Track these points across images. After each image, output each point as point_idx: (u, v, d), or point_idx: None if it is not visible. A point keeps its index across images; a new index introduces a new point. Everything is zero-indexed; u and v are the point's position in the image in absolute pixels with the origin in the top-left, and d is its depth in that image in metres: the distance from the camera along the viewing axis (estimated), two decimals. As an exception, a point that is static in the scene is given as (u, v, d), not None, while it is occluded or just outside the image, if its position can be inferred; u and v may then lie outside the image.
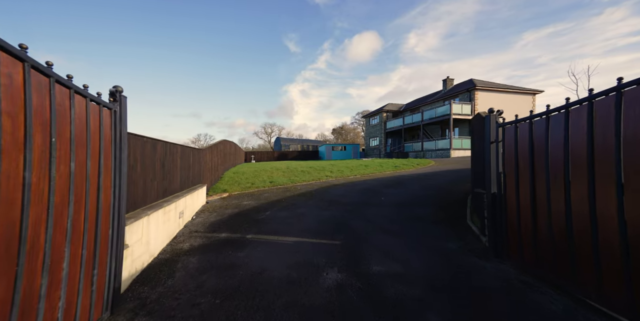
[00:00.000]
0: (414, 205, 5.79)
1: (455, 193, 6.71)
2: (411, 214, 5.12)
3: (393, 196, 6.71)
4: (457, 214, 4.99)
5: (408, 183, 8.56)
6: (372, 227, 4.45)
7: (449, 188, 7.39)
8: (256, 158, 33.82)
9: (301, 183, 9.43)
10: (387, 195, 6.89)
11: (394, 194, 6.93)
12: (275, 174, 11.29)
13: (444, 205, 5.65)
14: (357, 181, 9.55)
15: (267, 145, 78.54)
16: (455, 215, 4.95)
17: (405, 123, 27.60)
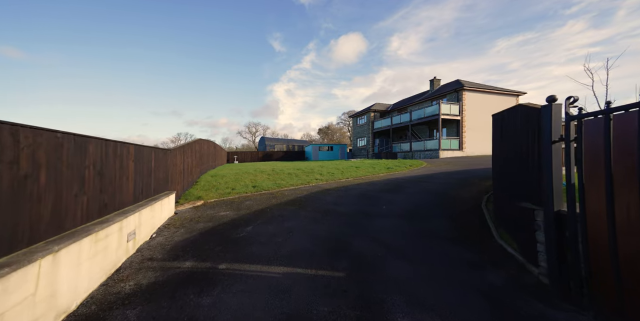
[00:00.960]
0: (421, 215, 4.97)
1: (464, 200, 5.99)
2: (422, 228, 4.28)
3: (395, 204, 5.87)
4: (477, 228, 4.21)
5: (406, 187, 7.78)
6: (380, 247, 3.55)
7: (453, 193, 6.67)
8: (239, 159, 32.22)
9: (288, 188, 8.40)
10: (387, 202, 6.04)
11: (395, 201, 6.10)
12: (259, 177, 10.17)
13: (456, 216, 4.87)
14: (351, 185, 8.67)
15: (252, 145, 76.36)
16: (475, 229, 4.16)
17: (394, 123, 27.24)
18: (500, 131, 3.99)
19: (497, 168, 4.30)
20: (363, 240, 3.86)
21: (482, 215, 4.81)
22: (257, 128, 76.33)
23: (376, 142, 31.53)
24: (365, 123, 33.13)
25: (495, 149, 4.34)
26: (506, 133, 3.74)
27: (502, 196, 3.92)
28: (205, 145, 11.52)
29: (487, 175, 9.10)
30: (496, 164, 4.38)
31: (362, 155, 33.48)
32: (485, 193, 6.56)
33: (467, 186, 7.49)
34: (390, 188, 7.72)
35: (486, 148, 22.73)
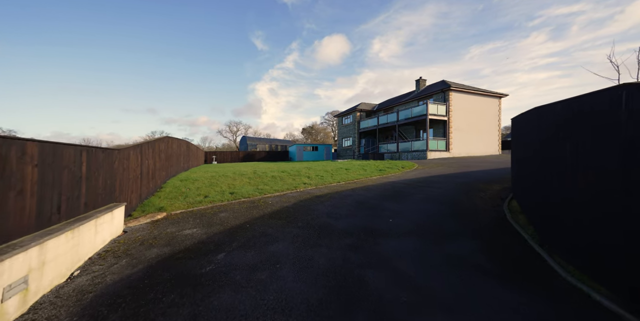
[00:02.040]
0: (440, 233, 4.01)
1: (482, 210, 5.14)
2: (450, 254, 3.30)
3: (402, 216, 4.89)
4: (522, 255, 3.30)
5: (408, 194, 6.87)
6: (407, 288, 2.51)
7: (465, 201, 5.84)
8: (219, 159, 30.21)
9: (273, 195, 7.20)
10: (393, 214, 5.05)
11: (402, 213, 5.12)
12: (238, 181, 8.84)
13: (483, 233, 3.97)
14: (344, 190, 7.62)
15: (233, 145, 73.48)
16: (520, 256, 3.25)
17: (380, 123, 26.72)
18: (571, 130, 3.08)
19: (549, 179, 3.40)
20: (379, 275, 2.80)
21: (516, 232, 3.94)
22: (238, 127, 73.59)
23: (362, 142, 30.91)
24: (351, 123, 32.42)
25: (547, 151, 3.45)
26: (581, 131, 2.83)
27: (565, 213, 3.02)
28: (174, 143, 9.95)
29: (491, 178, 8.44)
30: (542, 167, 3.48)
31: (347, 155, 32.74)
32: (500, 200, 5.78)
33: (476, 191, 6.71)
34: (390, 195, 6.77)
35: (472, 149, 22.79)
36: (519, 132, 4.90)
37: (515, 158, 5.31)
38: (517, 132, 5.08)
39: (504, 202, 5.53)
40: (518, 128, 4.97)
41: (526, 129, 4.27)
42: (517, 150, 5.13)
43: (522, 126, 4.57)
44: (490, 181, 8.14)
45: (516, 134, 5.14)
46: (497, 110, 24.46)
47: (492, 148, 24.01)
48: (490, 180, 8.35)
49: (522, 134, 4.63)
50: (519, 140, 4.88)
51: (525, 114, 4.35)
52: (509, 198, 5.78)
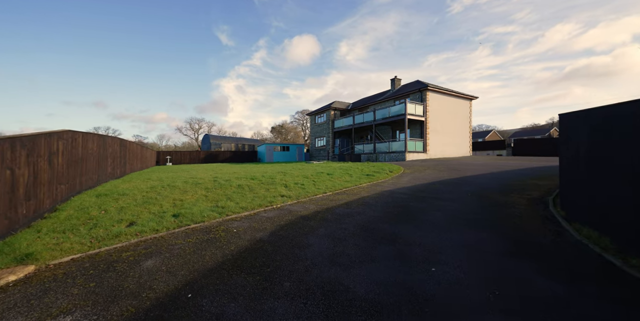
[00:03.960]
0: (540, 304, 2.38)
1: (551, 244, 3.67)
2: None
3: (443, 258, 3.19)
4: None
5: (419, 210, 5.29)
6: None
7: (504, 222, 4.38)
8: (175, 160, 26.20)
9: (240, 216, 5.07)
10: (426, 253, 3.34)
11: (436, 249, 3.44)
12: (190, 194, 6.48)
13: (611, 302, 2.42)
14: (337, 207, 5.79)
15: (194, 144, 67.31)
16: None
17: (356, 122, 25.53)
18: None
19: None
20: None
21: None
22: (200, 124, 67.67)
23: (337, 143, 29.50)
24: (325, 122, 30.82)
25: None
26: None
27: None
28: (90, 142, 7.02)
29: (500, 186, 7.23)
30: None
31: (321, 156, 31.09)
32: (550, 221, 4.43)
33: (503, 207, 5.35)
34: (400, 214, 5.10)
35: (446, 150, 22.68)
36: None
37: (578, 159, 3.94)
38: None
39: (561, 225, 4.18)
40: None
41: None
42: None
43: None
44: (502, 189, 6.98)
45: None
46: (468, 112, 24.85)
47: (464, 150, 24.30)
48: (501, 188, 7.21)
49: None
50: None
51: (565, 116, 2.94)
52: (559, 217, 4.48)
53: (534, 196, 6.08)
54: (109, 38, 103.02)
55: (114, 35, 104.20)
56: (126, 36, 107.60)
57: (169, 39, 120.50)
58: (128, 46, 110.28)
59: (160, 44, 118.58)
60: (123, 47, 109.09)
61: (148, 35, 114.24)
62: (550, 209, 4.81)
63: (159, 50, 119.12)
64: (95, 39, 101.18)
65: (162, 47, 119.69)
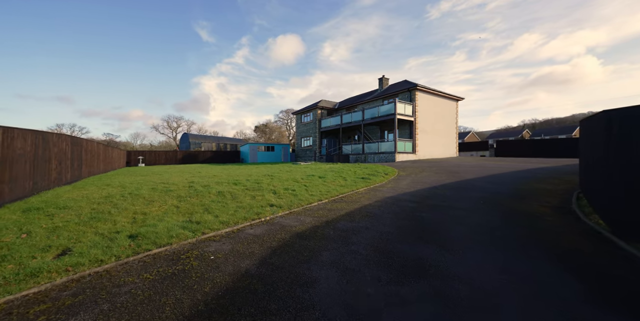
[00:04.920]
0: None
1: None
2: None
3: (510, 313, 2.40)
4: None
5: (437, 223, 4.53)
6: None
7: (557, 243, 3.69)
8: (148, 161, 24.06)
9: (219, 234, 4.03)
10: (475, 294, 2.53)
11: (490, 293, 2.64)
12: (157, 205, 5.29)
13: None
14: (337, 220, 4.89)
15: (172, 143, 63.82)
16: None
17: (344, 122, 24.81)
18: None
19: None
20: None
21: None
22: (179, 122, 64.32)
23: (324, 143, 28.65)
24: (311, 122, 29.87)
25: None
26: None
27: None
28: (20, 140, 5.38)
29: (510, 191, 6.66)
30: None
31: (307, 156, 30.11)
32: (606, 241, 3.79)
33: (535, 220, 4.71)
34: (415, 228, 4.29)
35: (434, 151, 22.55)
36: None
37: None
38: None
39: (619, 246, 3.53)
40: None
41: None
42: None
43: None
44: (514, 195, 6.42)
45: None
46: (454, 113, 24.95)
47: (451, 151, 24.37)
48: (511, 193, 6.66)
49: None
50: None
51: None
52: (608, 233, 3.85)
53: (553, 204, 5.53)
54: (71, 25, 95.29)
55: (77, 22, 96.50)
56: (91, 23, 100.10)
57: (143, 31, 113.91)
58: (95, 34, 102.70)
59: (133, 35, 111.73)
60: (89, 35, 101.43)
61: (118, 25, 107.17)
62: (587, 222, 4.20)
63: (132, 42, 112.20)
64: (53, 26, 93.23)
65: (136, 39, 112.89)
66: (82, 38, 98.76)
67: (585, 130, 5.13)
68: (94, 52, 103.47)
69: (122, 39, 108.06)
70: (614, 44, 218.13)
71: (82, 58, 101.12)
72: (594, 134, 4.41)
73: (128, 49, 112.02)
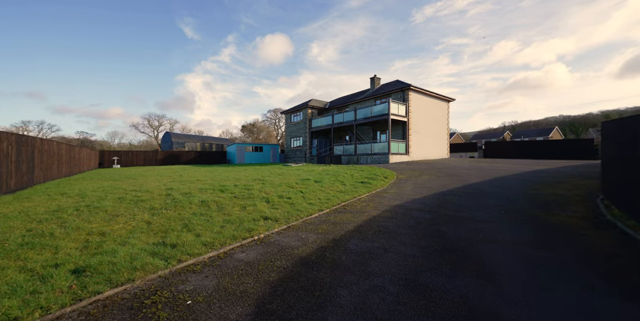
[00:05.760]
0: None
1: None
2: None
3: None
4: None
5: (467, 242, 3.85)
6: None
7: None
8: (124, 162, 22.23)
9: (199, 262, 3.13)
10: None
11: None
12: (123, 222, 4.27)
13: None
14: (346, 237, 4.10)
15: (153, 142, 60.79)
16: None
17: (335, 122, 24.10)
18: None
19: None
20: None
21: None
22: (161, 121, 61.36)
23: (314, 143, 27.82)
24: (301, 121, 28.96)
25: None
26: None
27: None
28: None
29: (526, 196, 6.09)
30: None
31: (297, 157, 29.17)
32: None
33: (575, 235, 4.12)
34: (444, 250, 3.58)
35: (427, 152, 22.29)
36: None
37: None
38: None
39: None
40: None
41: None
42: None
43: None
44: (533, 203, 5.89)
45: None
46: (446, 114, 24.88)
47: (443, 152, 24.26)
48: (528, 201, 6.14)
49: None
50: None
51: None
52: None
53: (582, 213, 5.01)
54: (45, 16, 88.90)
55: (51, 13, 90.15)
56: (64, 15, 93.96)
57: (122, 26, 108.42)
58: (68, 26, 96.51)
59: (111, 29, 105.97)
60: (62, 27, 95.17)
61: (94, 17, 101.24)
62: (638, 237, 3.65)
63: (110, 36, 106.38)
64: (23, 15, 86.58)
65: (114, 33, 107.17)
66: (54, 30, 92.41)
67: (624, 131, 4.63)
68: (67, 45, 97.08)
69: (98, 32, 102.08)
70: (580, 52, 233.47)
71: (55, 52, 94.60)
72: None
73: (106, 43, 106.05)
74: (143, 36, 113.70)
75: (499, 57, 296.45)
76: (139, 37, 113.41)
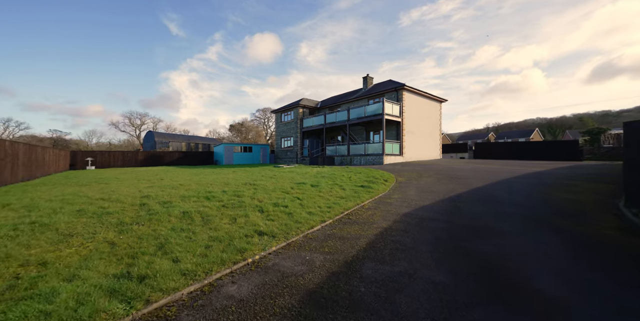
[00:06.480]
0: None
1: None
2: None
3: None
4: None
5: (502, 261, 3.28)
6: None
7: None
8: (99, 163, 20.53)
9: (175, 301, 2.35)
10: None
11: None
12: (77, 245, 3.39)
13: None
14: (358, 259, 3.44)
15: (135, 142, 58.01)
16: None
17: (328, 122, 23.45)
18: None
19: None
20: None
21: None
22: (143, 119, 58.71)
23: (306, 143, 27.06)
24: (292, 121, 28.13)
25: None
26: None
27: None
28: None
29: (540, 202, 5.64)
30: None
31: (288, 158, 28.31)
32: None
33: (628, 256, 3.63)
34: (479, 275, 2.98)
35: (420, 153, 22.04)
36: None
37: None
38: None
39: None
40: None
41: None
42: None
43: None
44: (552, 211, 5.45)
45: None
46: (438, 114, 24.80)
47: (436, 152, 24.16)
48: (546, 208, 5.70)
49: None
50: None
51: None
52: None
53: (613, 223, 4.58)
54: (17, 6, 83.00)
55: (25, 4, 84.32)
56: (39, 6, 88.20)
57: (101, 17, 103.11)
58: (40, 18, 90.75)
59: (88, 21, 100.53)
60: (34, 19, 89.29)
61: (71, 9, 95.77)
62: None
63: (86, 28, 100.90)
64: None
65: (91, 25, 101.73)
66: (25, 21, 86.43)
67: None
68: (40, 34, 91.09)
69: (74, 25, 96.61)
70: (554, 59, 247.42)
71: (26, 45, 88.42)
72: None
73: (82, 36, 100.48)
74: (124, 30, 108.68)
75: (481, 61, 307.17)
76: (119, 31, 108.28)
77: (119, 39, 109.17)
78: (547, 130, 78.83)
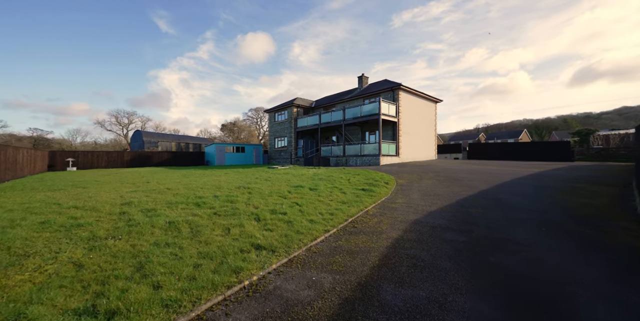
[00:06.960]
0: None
1: None
2: None
3: None
4: None
5: (538, 287, 2.88)
6: None
7: None
8: (82, 164, 19.40)
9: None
10: None
11: None
12: (32, 268, 2.80)
13: None
14: (371, 277, 3.00)
15: (123, 141, 56.12)
16: None
17: (323, 122, 22.99)
18: None
19: None
20: None
21: None
22: (131, 118, 56.89)
23: (300, 144, 26.51)
24: (286, 120, 27.53)
25: None
26: None
27: None
28: None
29: (552, 206, 5.32)
30: None
31: (282, 158, 27.70)
32: None
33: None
34: (514, 300, 2.57)
35: (416, 154, 21.85)
36: None
37: None
38: None
39: None
40: None
41: None
42: None
43: None
44: (570, 217, 5.14)
45: None
46: (434, 115, 24.72)
47: (431, 153, 24.05)
48: (562, 213, 5.39)
49: None
50: None
51: None
52: None
53: (637, 231, 4.29)
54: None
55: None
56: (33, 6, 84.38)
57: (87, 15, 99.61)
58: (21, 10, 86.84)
59: (73, 16, 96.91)
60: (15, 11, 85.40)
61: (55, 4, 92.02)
62: None
63: (72, 24, 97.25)
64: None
65: (77, 21, 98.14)
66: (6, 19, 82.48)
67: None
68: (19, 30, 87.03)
69: (58, 20, 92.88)
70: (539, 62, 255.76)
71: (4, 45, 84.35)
72: None
73: (67, 32, 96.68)
74: (111, 27, 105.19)
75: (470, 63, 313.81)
76: (105, 29, 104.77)
77: (105, 37, 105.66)
78: (534, 131, 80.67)
